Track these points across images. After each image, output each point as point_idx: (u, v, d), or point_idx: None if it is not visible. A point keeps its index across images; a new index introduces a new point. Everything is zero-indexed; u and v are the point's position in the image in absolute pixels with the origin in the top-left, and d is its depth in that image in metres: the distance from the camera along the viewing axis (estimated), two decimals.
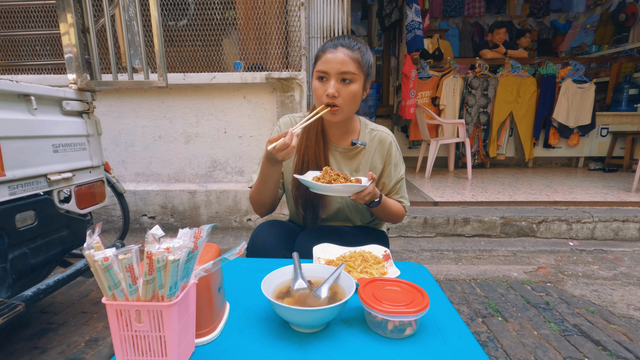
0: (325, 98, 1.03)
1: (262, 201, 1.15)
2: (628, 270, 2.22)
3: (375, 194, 1.01)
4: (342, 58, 1.00)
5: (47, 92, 1.43)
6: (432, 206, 3.04)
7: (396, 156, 1.19)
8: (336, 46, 1.02)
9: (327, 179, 0.96)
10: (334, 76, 1.02)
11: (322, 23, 2.79)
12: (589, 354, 1.42)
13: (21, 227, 1.30)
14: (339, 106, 1.04)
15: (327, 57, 1.02)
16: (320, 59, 1.04)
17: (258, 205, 1.17)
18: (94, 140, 1.68)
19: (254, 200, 1.16)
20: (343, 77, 1.02)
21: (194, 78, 2.74)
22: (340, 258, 0.96)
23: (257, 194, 1.13)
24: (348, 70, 1.01)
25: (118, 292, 0.52)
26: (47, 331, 1.60)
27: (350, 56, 1.01)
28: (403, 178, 1.21)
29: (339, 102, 1.03)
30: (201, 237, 0.56)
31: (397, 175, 1.19)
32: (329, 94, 1.01)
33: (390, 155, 1.18)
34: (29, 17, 2.82)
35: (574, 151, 4.92)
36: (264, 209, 1.18)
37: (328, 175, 0.97)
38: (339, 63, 1.00)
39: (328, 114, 1.05)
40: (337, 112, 1.05)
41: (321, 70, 1.03)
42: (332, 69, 1.01)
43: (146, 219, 2.93)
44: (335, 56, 1.01)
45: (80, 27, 1.62)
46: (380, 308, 0.64)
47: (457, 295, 1.91)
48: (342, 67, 1.00)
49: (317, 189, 0.95)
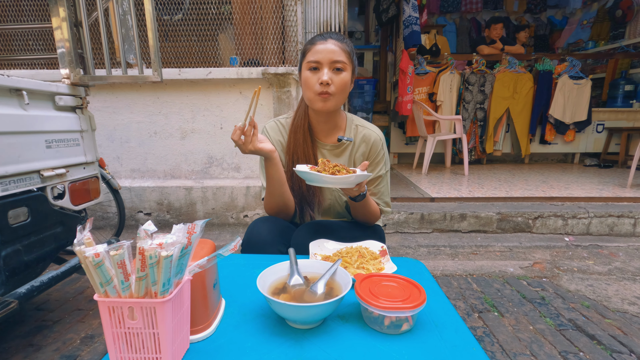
0: (318, 87, 1.03)
1: (276, 203, 1.14)
2: (623, 265, 2.23)
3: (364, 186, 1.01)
4: (333, 48, 1.03)
5: (39, 86, 1.41)
6: (429, 202, 3.05)
7: (378, 155, 1.17)
8: (326, 38, 1.05)
9: (330, 171, 0.93)
10: (326, 65, 1.03)
11: (318, 18, 2.77)
12: (584, 348, 1.43)
13: (14, 224, 1.29)
14: (332, 94, 1.05)
15: (318, 47, 1.03)
16: (309, 51, 1.05)
17: (274, 210, 1.16)
18: (87, 135, 1.66)
19: (268, 204, 1.16)
20: (335, 65, 1.04)
21: (190, 73, 2.71)
22: (337, 254, 0.96)
23: (269, 196, 1.13)
24: (340, 59, 1.03)
25: (110, 289, 0.51)
26: (42, 328, 1.59)
27: (340, 47, 1.04)
28: (381, 177, 1.19)
29: (331, 90, 1.04)
30: (195, 232, 0.55)
31: (374, 173, 1.17)
32: (324, 82, 1.02)
33: (372, 153, 1.17)
34: (22, 11, 2.78)
35: (569, 147, 4.94)
36: (282, 212, 1.17)
37: (328, 168, 0.95)
38: (331, 52, 1.03)
39: (320, 102, 1.05)
40: (329, 98, 1.05)
41: (313, 60, 1.04)
42: (324, 58, 1.03)
43: (142, 216, 2.91)
44: (326, 46, 1.03)
45: (73, 21, 1.60)
46: (376, 304, 0.63)
47: (454, 291, 1.92)
48: (334, 56, 1.03)
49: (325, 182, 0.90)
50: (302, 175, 0.94)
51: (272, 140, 1.18)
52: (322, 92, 1.04)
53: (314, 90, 1.05)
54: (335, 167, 0.94)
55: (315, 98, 1.06)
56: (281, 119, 1.22)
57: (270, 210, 1.17)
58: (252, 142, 0.96)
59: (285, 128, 1.20)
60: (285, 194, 1.12)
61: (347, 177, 0.89)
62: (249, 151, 0.97)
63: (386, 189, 1.21)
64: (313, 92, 1.05)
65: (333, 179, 0.89)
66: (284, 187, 1.10)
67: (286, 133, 1.19)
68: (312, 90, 1.05)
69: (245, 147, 0.96)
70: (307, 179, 0.94)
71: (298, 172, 0.94)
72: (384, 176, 1.20)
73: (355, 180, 0.91)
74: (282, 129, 1.20)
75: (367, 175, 0.93)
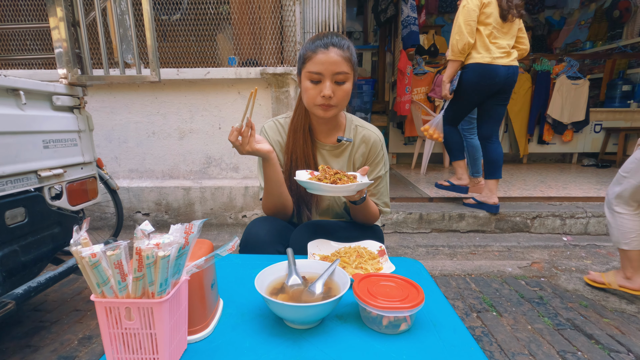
0: (319, 99, 1.02)
1: (274, 204, 1.13)
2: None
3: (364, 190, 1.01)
4: (335, 59, 0.98)
5: (36, 86, 1.40)
6: (427, 202, 3.05)
7: (378, 155, 1.17)
8: (327, 46, 0.99)
9: (331, 179, 0.92)
10: (328, 77, 1.00)
11: (317, 18, 2.76)
12: (582, 348, 1.43)
13: (11, 224, 1.28)
14: (334, 105, 1.03)
15: (320, 57, 0.99)
16: (311, 59, 1.01)
17: (271, 210, 1.16)
18: (85, 136, 1.66)
19: (266, 205, 1.15)
20: (337, 78, 1.00)
21: (188, 73, 2.71)
22: (335, 254, 0.96)
23: (267, 197, 1.13)
24: (342, 70, 1.00)
25: (107, 289, 0.50)
26: (40, 329, 1.58)
27: (342, 56, 1.00)
28: (381, 178, 1.18)
29: (333, 102, 1.02)
30: (192, 232, 0.55)
31: (373, 174, 1.17)
32: (326, 95, 1.00)
33: (371, 154, 1.17)
34: (19, 11, 2.77)
35: (567, 147, 4.95)
36: (281, 213, 1.17)
37: (329, 175, 0.94)
38: (333, 64, 0.99)
39: (320, 111, 1.04)
40: (330, 109, 1.04)
41: (314, 71, 1.00)
42: (326, 70, 0.99)
43: (140, 216, 2.91)
44: (328, 57, 0.98)
45: (71, 21, 1.59)
46: (375, 304, 0.63)
47: (452, 291, 1.92)
48: (337, 67, 0.99)
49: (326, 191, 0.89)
50: (303, 184, 0.92)
51: (271, 140, 1.18)
52: (323, 104, 1.02)
53: (314, 101, 1.03)
54: (336, 175, 0.94)
55: (316, 107, 1.04)
56: (280, 119, 1.21)
57: (268, 210, 1.17)
58: (250, 143, 0.95)
59: (284, 128, 1.19)
60: (283, 194, 1.11)
61: (348, 187, 0.88)
62: (246, 152, 0.96)
63: (385, 190, 1.21)
64: (314, 103, 1.03)
65: (334, 189, 0.88)
66: (282, 188, 1.10)
67: (285, 133, 1.18)
68: (312, 101, 1.04)
69: (242, 148, 0.95)
70: (308, 188, 0.93)
71: (299, 181, 0.92)
72: (383, 177, 1.19)
73: (357, 188, 0.90)
74: (280, 129, 1.20)
75: (368, 183, 0.92)
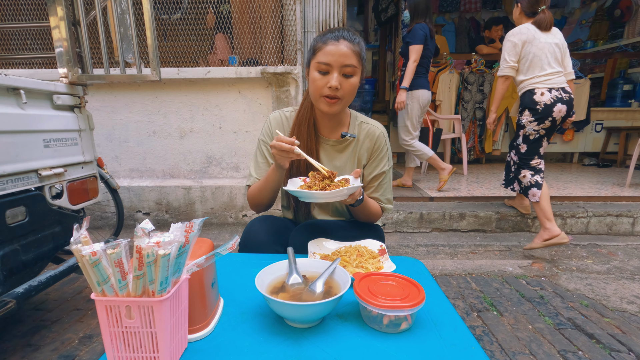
0: (326, 90, 1.02)
1: (261, 201, 1.14)
2: (621, 264, 2.24)
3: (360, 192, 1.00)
4: (344, 51, 0.99)
5: (36, 85, 1.40)
6: (428, 201, 3.05)
7: (382, 150, 1.17)
8: (338, 38, 1.00)
9: (320, 186, 0.92)
10: (336, 69, 1.00)
11: (317, 17, 2.76)
12: (583, 347, 1.43)
13: (12, 224, 1.28)
14: (340, 98, 1.03)
15: (330, 48, 0.99)
16: (321, 50, 1.01)
17: (256, 204, 1.16)
18: (86, 135, 1.66)
19: (252, 198, 1.15)
20: (345, 70, 1.00)
21: (188, 72, 2.71)
22: (336, 253, 0.96)
23: (257, 192, 1.13)
24: (351, 63, 1.00)
25: (107, 288, 0.50)
26: (41, 328, 1.58)
27: (352, 49, 1.00)
28: (385, 174, 1.18)
29: (340, 94, 1.02)
30: (192, 231, 0.55)
31: (378, 170, 1.17)
32: (332, 86, 1.00)
33: (376, 148, 1.17)
34: (19, 10, 2.76)
35: (568, 147, 4.94)
36: (261, 208, 1.17)
37: (319, 182, 0.94)
38: (342, 56, 0.99)
39: (326, 105, 1.04)
40: (336, 103, 1.04)
41: (323, 61, 1.00)
42: (335, 61, 0.99)
43: (141, 215, 2.91)
44: (338, 48, 0.99)
45: (71, 20, 1.59)
46: (375, 302, 0.63)
47: (453, 290, 1.92)
48: (346, 60, 0.99)
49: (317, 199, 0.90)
50: (294, 194, 0.92)
51: (273, 132, 1.18)
52: (329, 96, 1.02)
53: (321, 92, 1.03)
54: (325, 181, 0.94)
55: (322, 100, 1.04)
56: (286, 112, 1.21)
57: (252, 200, 1.16)
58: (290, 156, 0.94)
59: (289, 121, 1.19)
60: (274, 195, 1.12)
61: (339, 191, 0.88)
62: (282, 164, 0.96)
63: (389, 186, 1.21)
64: (320, 93, 1.03)
65: (325, 195, 0.88)
66: (276, 191, 1.11)
67: (289, 126, 1.18)
68: (319, 92, 1.03)
69: (282, 160, 0.95)
70: (299, 197, 0.93)
71: (289, 191, 0.93)
72: (387, 172, 1.19)
73: (348, 192, 0.90)
74: (285, 122, 1.19)
75: (359, 186, 0.92)
